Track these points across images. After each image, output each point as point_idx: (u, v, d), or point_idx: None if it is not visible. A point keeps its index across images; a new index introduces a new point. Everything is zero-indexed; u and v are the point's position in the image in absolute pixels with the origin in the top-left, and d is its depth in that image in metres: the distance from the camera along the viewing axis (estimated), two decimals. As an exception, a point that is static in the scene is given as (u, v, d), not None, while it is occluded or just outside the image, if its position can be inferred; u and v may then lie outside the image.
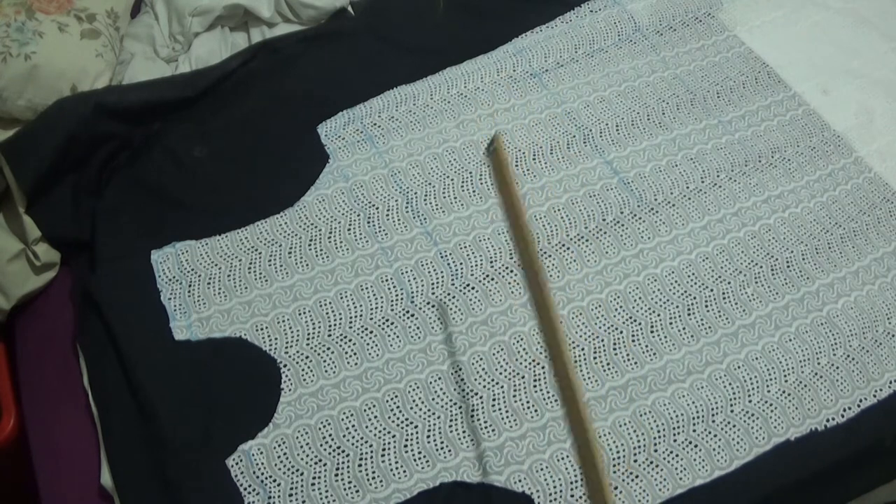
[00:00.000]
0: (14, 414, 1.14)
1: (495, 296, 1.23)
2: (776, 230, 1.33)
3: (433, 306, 1.22)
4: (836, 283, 1.28)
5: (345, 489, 1.06)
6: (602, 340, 1.20)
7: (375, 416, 1.11)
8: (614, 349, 1.19)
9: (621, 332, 1.21)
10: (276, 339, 1.18)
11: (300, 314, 1.21)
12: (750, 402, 1.15)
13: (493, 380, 1.16)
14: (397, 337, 1.19)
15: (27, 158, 1.26)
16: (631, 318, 1.22)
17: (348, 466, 1.08)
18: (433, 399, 1.13)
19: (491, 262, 1.27)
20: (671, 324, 1.22)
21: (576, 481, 1.08)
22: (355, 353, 1.17)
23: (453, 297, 1.23)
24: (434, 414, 1.12)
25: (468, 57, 1.54)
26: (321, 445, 1.09)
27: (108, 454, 1.09)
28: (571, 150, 1.41)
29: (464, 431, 1.11)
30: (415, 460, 1.08)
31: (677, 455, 1.10)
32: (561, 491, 1.07)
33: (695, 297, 1.25)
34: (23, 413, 1.15)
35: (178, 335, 1.18)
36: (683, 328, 1.22)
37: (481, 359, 1.17)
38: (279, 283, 1.24)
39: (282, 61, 1.51)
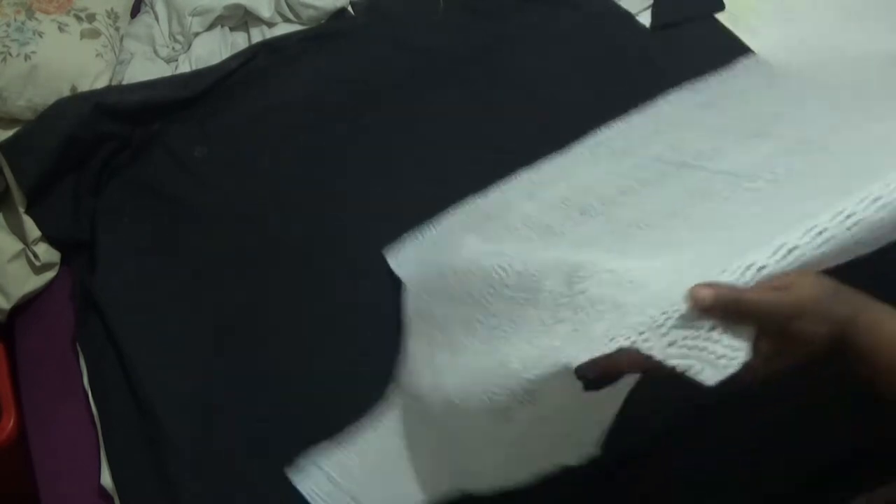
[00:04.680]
0: (14, 414, 1.13)
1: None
2: None
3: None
4: None
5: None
6: None
7: None
8: None
9: None
10: (276, 338, 1.18)
11: (300, 314, 1.20)
12: None
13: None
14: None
15: (27, 158, 1.26)
16: None
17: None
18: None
19: None
20: None
21: (576, 481, 1.07)
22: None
23: None
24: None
25: (468, 57, 1.52)
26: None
27: (108, 454, 1.09)
28: None
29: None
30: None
31: None
32: (561, 491, 1.06)
33: None
34: (23, 413, 1.15)
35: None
36: None
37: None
38: (279, 283, 1.24)
39: (282, 61, 1.51)
